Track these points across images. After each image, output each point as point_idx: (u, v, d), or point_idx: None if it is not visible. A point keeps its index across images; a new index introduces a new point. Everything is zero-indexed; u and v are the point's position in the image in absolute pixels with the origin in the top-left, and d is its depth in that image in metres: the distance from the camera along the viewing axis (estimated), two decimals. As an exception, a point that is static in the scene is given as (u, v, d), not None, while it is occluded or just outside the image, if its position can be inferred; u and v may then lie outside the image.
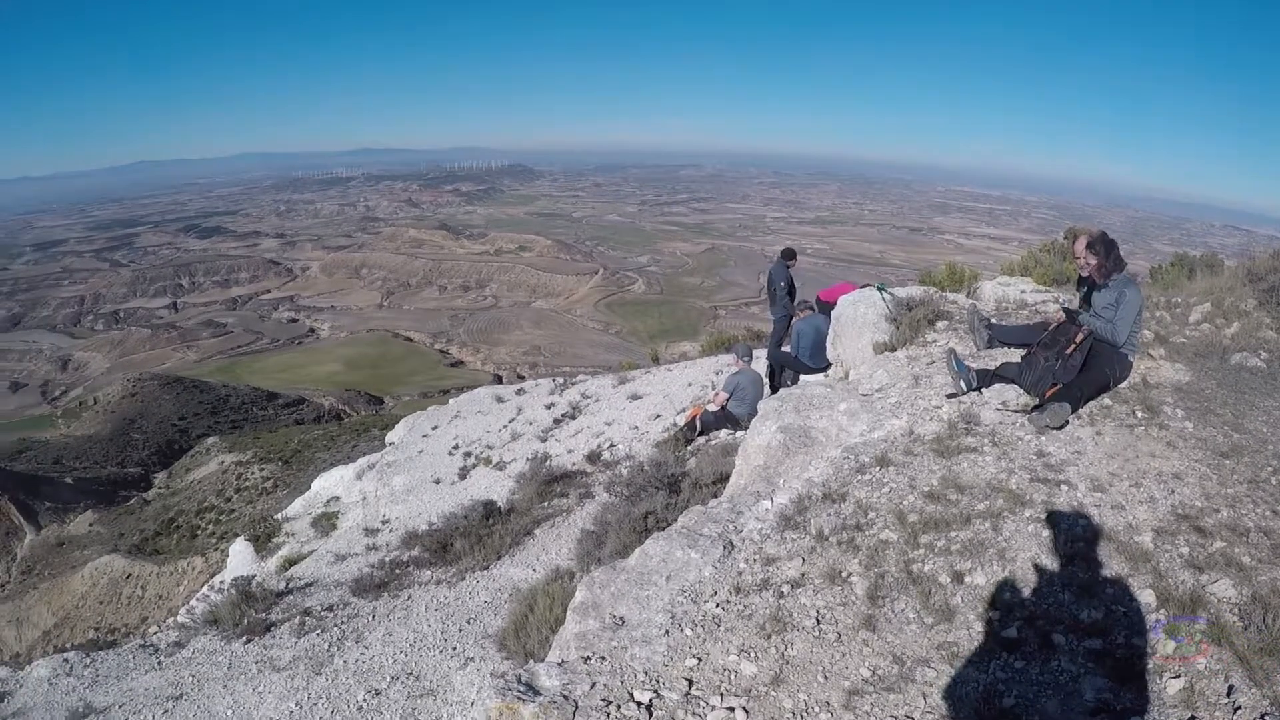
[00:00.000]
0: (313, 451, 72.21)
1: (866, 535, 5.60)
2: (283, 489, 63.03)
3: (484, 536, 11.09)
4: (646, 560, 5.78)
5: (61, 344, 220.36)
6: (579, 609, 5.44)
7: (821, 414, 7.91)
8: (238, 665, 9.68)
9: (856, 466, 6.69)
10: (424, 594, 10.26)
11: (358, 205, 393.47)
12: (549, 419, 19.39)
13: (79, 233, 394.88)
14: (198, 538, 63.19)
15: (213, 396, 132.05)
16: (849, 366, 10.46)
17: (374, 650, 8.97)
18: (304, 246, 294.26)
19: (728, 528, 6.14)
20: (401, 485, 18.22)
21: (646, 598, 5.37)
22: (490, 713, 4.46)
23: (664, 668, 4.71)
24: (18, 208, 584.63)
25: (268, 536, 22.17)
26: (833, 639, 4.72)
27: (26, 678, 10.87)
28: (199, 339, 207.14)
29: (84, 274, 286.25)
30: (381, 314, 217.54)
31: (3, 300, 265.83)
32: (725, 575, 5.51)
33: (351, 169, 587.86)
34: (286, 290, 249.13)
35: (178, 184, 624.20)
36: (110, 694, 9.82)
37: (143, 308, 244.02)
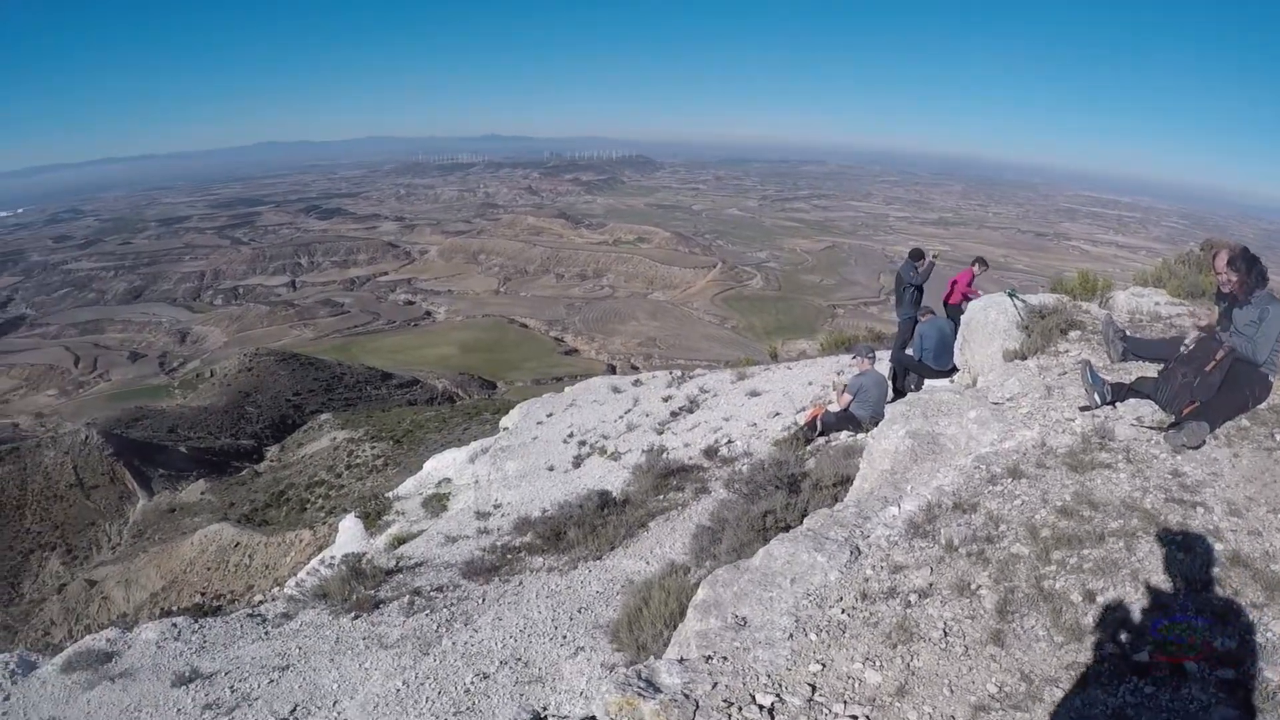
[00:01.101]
0: (424, 432, 73.56)
1: (997, 548, 5.46)
2: (392, 467, 64.35)
3: (598, 526, 11.09)
4: (771, 561, 5.71)
5: (181, 317, 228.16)
6: (700, 607, 5.40)
7: (950, 421, 7.74)
8: (345, 640, 9.85)
9: (988, 477, 6.52)
10: (535, 581, 10.28)
11: (477, 191, 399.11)
12: (666, 412, 19.33)
13: (202, 210, 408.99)
14: (306, 511, 64.97)
15: (327, 374, 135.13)
16: (977, 373, 10.22)
17: (483, 634, 9.01)
18: (423, 230, 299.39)
19: (854, 532, 6.04)
20: (515, 471, 18.35)
21: (770, 599, 5.31)
22: (610, 707, 4.44)
23: (787, 672, 4.64)
24: (143, 184, 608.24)
25: (378, 514, 22.54)
26: (960, 652, 4.61)
27: (135, 639, 11.18)
28: (316, 317, 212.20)
29: (205, 250, 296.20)
30: (498, 300, 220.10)
31: (125, 274, 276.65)
32: (851, 581, 5.42)
33: (472, 154, 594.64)
34: (404, 273, 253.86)
35: (300, 165, 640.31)
36: (217, 660, 10.08)
37: (262, 285, 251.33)
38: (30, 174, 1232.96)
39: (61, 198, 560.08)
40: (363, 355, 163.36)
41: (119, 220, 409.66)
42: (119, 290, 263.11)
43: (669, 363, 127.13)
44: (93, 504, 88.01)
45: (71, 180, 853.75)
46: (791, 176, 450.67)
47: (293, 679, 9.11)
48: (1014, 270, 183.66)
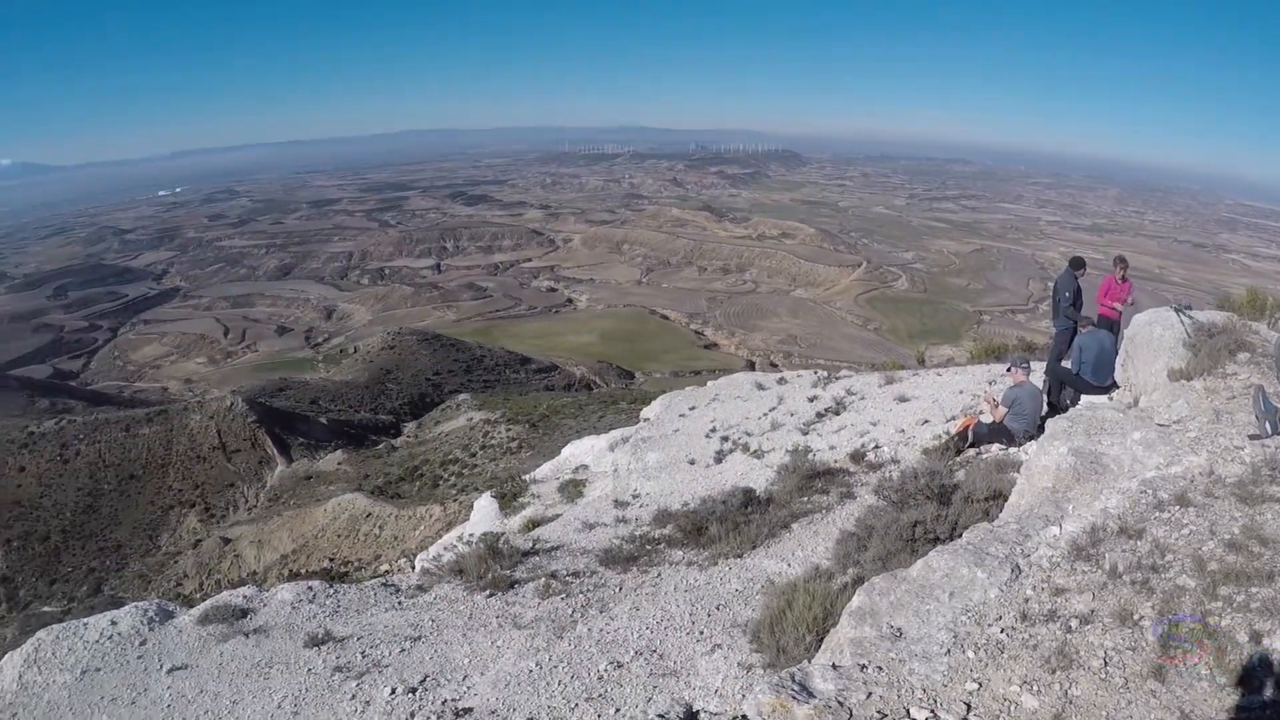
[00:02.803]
0: (560, 418, 74.42)
1: (1162, 578, 5.28)
2: (527, 451, 65.29)
3: (740, 524, 11.05)
4: (929, 573, 5.66)
5: (328, 295, 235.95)
6: (855, 613, 5.38)
7: (1113, 440, 7.52)
8: (479, 617, 10.02)
9: (1154, 503, 6.33)
10: (674, 574, 10.29)
11: (622, 182, 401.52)
12: (811, 412, 19.09)
13: (351, 193, 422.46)
14: (439, 487, 66.36)
15: (468, 356, 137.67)
16: (1139, 392, 9.90)
17: (619, 623, 9.05)
18: (567, 219, 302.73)
19: (1015, 550, 5.93)
20: (655, 462, 18.39)
21: (928, 612, 5.26)
22: (763, 708, 4.47)
23: (942, 688, 4.60)
24: (295, 167, 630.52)
25: (514, 495, 22.89)
26: (1119, 684, 4.48)
27: (271, 599, 11.61)
28: (459, 300, 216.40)
29: (354, 232, 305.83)
30: (640, 290, 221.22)
31: (276, 251, 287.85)
32: (1011, 600, 5.33)
33: (618, 146, 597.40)
34: (547, 260, 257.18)
35: (447, 152, 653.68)
36: (349, 625, 10.40)
37: (407, 267, 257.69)
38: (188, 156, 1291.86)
39: (217, 179, 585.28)
40: (503, 339, 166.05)
41: (271, 201, 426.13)
42: (270, 267, 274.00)
43: (809, 362, 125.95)
44: (233, 467, 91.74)
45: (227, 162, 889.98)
46: (939, 175, 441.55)
47: (424, 650, 9.33)
48: (1170, 283, 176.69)
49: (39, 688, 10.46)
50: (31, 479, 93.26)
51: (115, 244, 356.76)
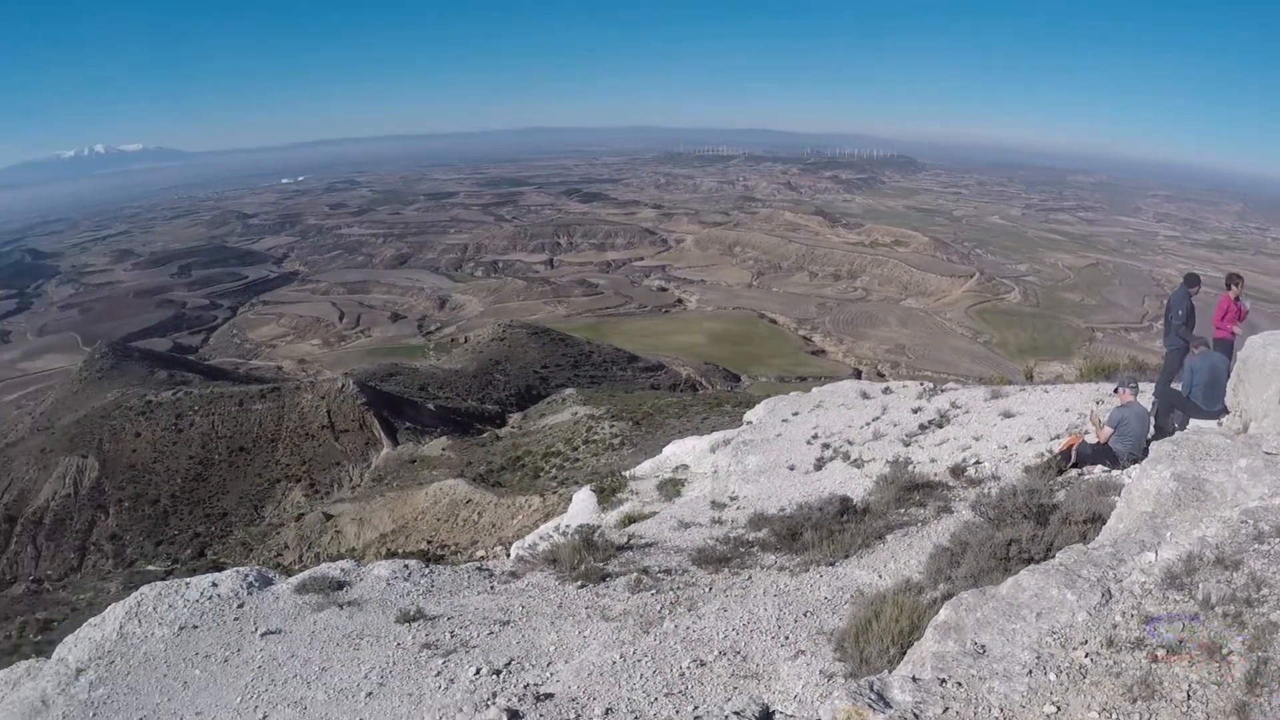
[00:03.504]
0: (664, 417, 74.61)
1: (1255, 613, 5.13)
2: (628, 448, 65.54)
3: (835, 532, 11.02)
4: (1019, 592, 5.62)
5: (442, 285, 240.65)
6: (941, 627, 5.37)
7: (1218, 467, 7.33)
8: (568, 606, 10.20)
9: (1254, 534, 6.16)
10: (765, 577, 10.31)
11: (736, 184, 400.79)
12: (914, 423, 18.90)
13: (469, 187, 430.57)
14: (539, 479, 67.06)
15: (576, 351, 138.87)
16: (1249, 418, 9.62)
17: (706, 622, 9.06)
18: (680, 219, 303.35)
19: (1108, 574, 5.84)
20: (755, 465, 18.41)
21: (1013, 631, 5.23)
22: (838, 714, 4.49)
23: (1020, 709, 4.57)
24: (415, 160, 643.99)
25: (612, 490, 23.13)
26: (1200, 718, 4.40)
27: (367, 574, 12.04)
28: (570, 295, 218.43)
29: (470, 224, 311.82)
30: (749, 293, 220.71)
31: (394, 241, 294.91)
32: (1099, 625, 5.26)
33: (732, 147, 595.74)
34: (659, 259, 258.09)
35: (564, 150, 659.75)
36: (441, 605, 10.70)
37: (521, 261, 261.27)
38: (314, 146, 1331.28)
39: (340, 169, 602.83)
40: (612, 336, 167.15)
41: (391, 192, 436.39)
42: (387, 256, 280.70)
43: (916, 373, 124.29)
44: (340, 446, 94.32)
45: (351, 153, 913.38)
46: (1057, 185, 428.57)
47: (511, 634, 9.54)
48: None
49: (138, 639, 10.97)
50: (147, 445, 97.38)
51: (239, 227, 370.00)
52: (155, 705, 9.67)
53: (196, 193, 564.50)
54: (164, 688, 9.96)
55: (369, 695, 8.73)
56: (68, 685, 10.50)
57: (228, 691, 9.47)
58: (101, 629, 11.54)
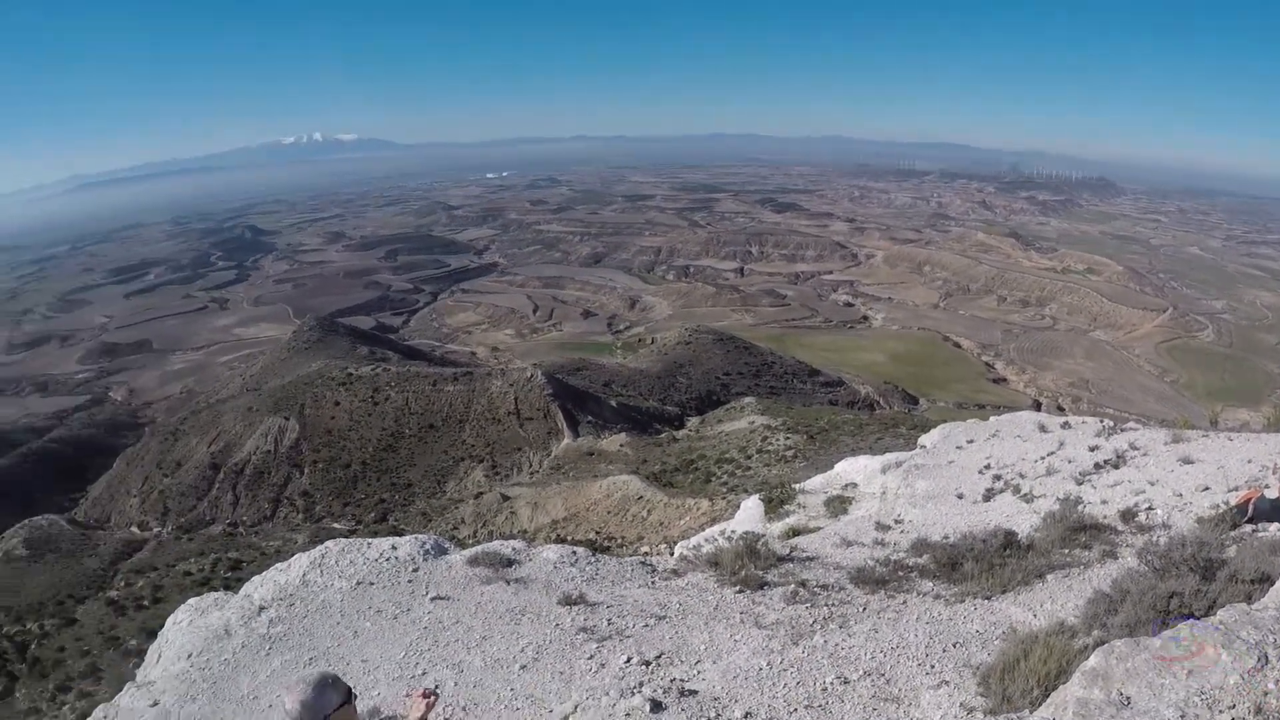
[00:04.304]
0: (839, 433, 74.02)
1: None
2: (800, 461, 65.29)
3: (995, 566, 10.84)
4: (1172, 647, 5.51)
5: (633, 285, 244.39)
6: (1088, 674, 5.34)
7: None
8: (724, 609, 10.37)
9: None
10: (919, 603, 10.23)
11: (930, 200, 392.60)
12: (1089, 462, 18.29)
13: (665, 191, 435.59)
14: (710, 483, 67.59)
15: (759, 360, 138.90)
16: None
17: (855, 641, 9.06)
18: (871, 234, 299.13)
19: (1267, 638, 5.67)
20: (924, 490, 18.22)
21: (1161, 685, 5.16)
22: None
23: (1157, 765, 4.55)
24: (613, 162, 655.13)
25: (780, 502, 23.14)
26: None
27: (536, 555, 12.66)
28: (758, 305, 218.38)
29: (664, 228, 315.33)
30: (935, 314, 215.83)
31: (590, 240, 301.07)
32: (1249, 689, 5.12)
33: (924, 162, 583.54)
34: (848, 274, 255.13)
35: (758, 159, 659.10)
36: (602, 593, 11.14)
37: (711, 267, 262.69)
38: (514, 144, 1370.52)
39: (541, 167, 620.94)
40: (795, 348, 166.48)
41: (590, 192, 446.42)
42: (582, 254, 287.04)
43: (1097, 409, 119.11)
44: (524, 433, 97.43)
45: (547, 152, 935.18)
46: (1262, 215, 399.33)
47: (665, 629, 9.82)
48: None
49: (318, 587, 11.82)
50: (344, 414, 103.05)
51: (444, 218, 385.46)
52: (326, 648, 10.39)
53: (406, 182, 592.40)
54: (335, 634, 10.69)
55: (523, 668, 9.18)
56: (250, 619, 11.39)
57: (393, 646, 10.11)
58: (287, 574, 12.47)
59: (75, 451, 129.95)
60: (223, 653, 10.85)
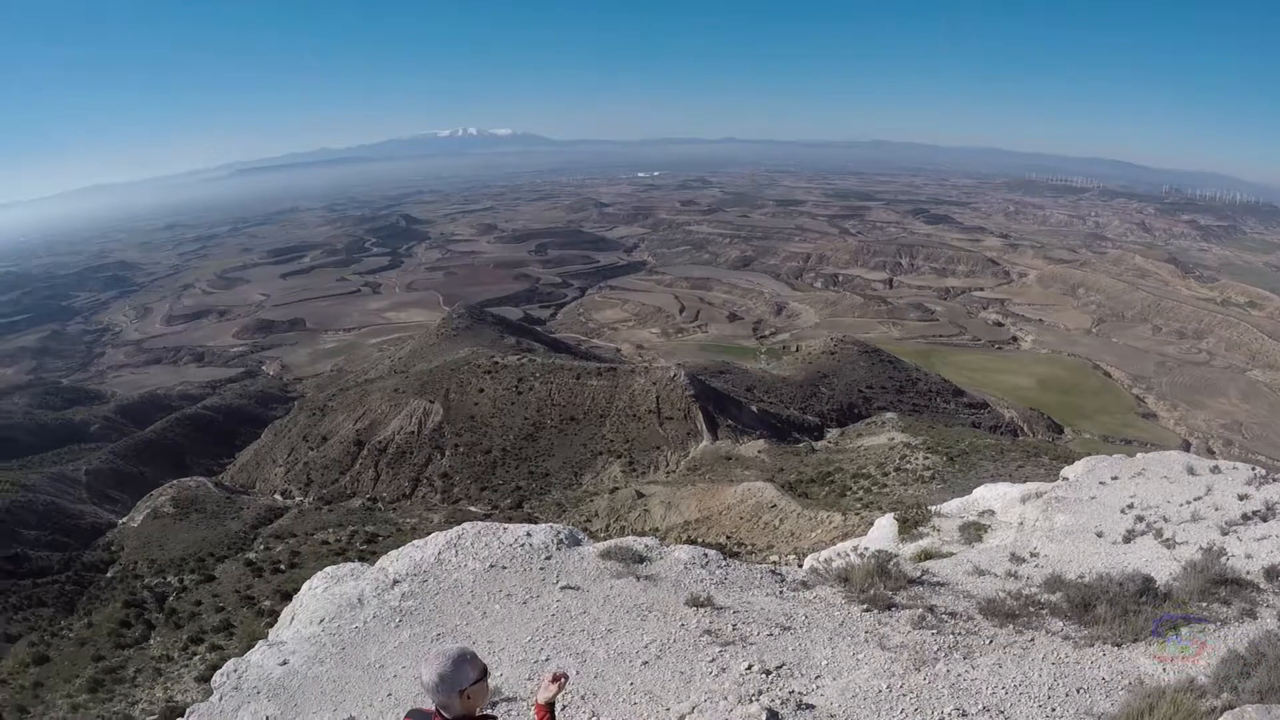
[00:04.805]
0: (979, 458, 72.55)
1: None
2: (938, 483, 64.29)
3: (1130, 612, 10.57)
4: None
5: (781, 291, 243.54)
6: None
7: None
8: (849, 626, 10.42)
9: None
10: (1047, 642, 10.05)
11: (1087, 220, 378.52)
12: (1237, 511, 17.57)
13: (816, 197, 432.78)
14: (845, 497, 67.15)
15: (903, 376, 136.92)
16: None
17: (978, 674, 9.01)
18: (1025, 252, 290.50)
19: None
20: (1062, 525, 17.82)
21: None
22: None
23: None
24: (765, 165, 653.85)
25: (915, 523, 22.94)
26: None
27: (668, 554, 12.90)
28: (905, 318, 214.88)
29: (814, 235, 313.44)
30: (1087, 340, 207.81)
31: (739, 243, 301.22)
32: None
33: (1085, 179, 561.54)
34: (999, 292, 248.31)
35: (913, 167, 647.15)
36: (730, 598, 11.27)
37: (860, 277, 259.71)
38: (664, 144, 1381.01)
39: (692, 168, 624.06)
40: (940, 366, 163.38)
41: (740, 195, 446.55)
42: (730, 257, 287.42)
43: (1249, 455, 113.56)
44: (663, 432, 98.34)
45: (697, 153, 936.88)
46: None
47: (789, 640, 9.92)
48: None
49: (452, 566, 12.39)
50: (488, 401, 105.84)
51: (594, 214, 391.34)
52: (454, 626, 10.86)
53: (558, 178, 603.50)
54: (465, 613, 11.16)
55: (645, 664, 9.44)
56: (383, 591, 11.99)
57: (520, 630, 10.51)
58: (423, 551, 13.07)
59: (226, 420, 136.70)
60: (354, 621, 11.42)
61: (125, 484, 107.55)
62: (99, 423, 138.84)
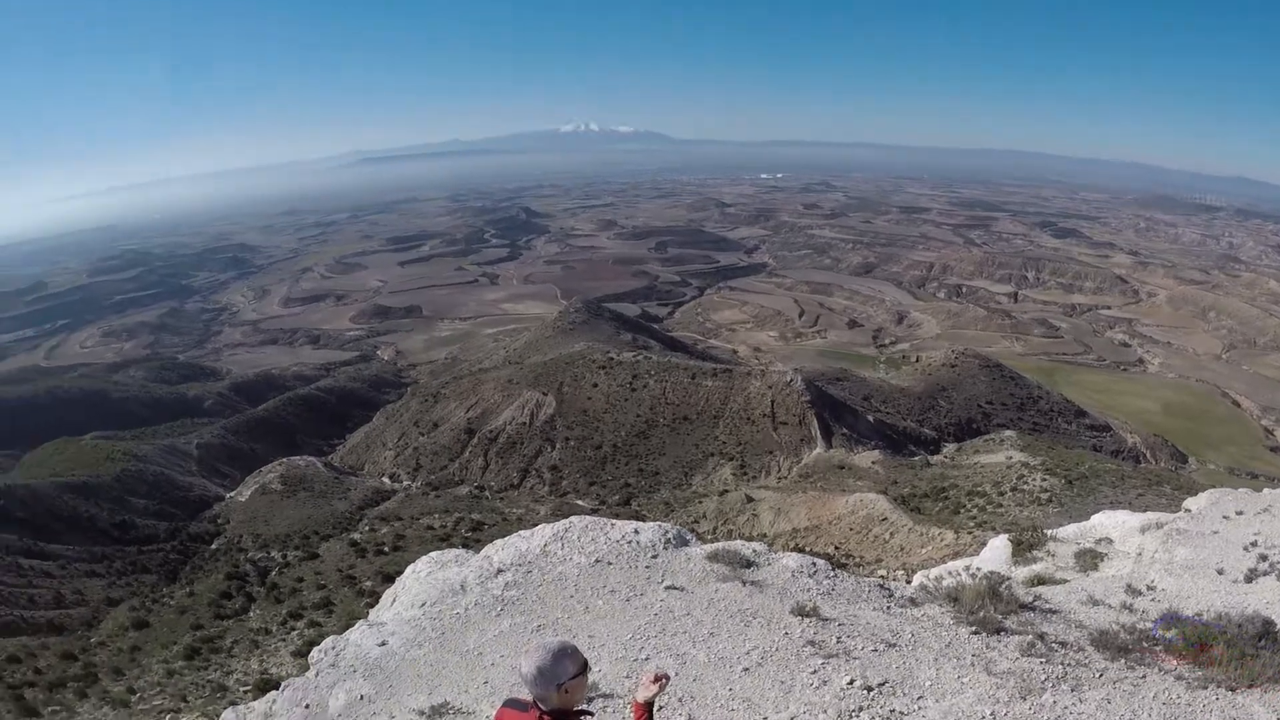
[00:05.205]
0: (1098, 483, 70.65)
1: None
2: (1055, 506, 62.79)
3: (1247, 656, 10.17)
4: None
5: (903, 300, 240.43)
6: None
7: None
8: (955, 648, 10.24)
9: None
10: (1158, 681, 9.71)
11: (1220, 240, 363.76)
12: (1369, 555, 16.95)
13: (941, 205, 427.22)
14: (959, 515, 65.93)
15: (1023, 393, 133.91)
16: None
17: (1085, 708, 8.77)
18: (1154, 270, 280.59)
19: None
20: (1182, 559, 17.29)
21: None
22: None
23: None
24: (890, 170, 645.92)
25: (1029, 546, 22.47)
26: None
27: (776, 561, 12.90)
28: (1029, 334, 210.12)
29: (938, 244, 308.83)
30: (1216, 366, 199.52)
31: (861, 249, 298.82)
32: None
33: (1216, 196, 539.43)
34: (1126, 311, 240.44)
35: (1042, 178, 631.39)
36: (836, 610, 11.19)
37: (984, 289, 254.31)
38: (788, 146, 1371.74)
39: (816, 171, 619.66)
40: (1063, 384, 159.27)
41: (864, 200, 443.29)
42: (853, 262, 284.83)
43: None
44: (777, 436, 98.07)
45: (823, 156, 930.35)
46: None
47: (893, 657, 9.81)
48: None
49: (557, 559, 12.61)
50: (601, 396, 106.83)
51: (715, 214, 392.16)
52: (555, 619, 11.05)
53: (680, 177, 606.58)
54: (567, 606, 11.34)
55: (745, 670, 9.46)
56: (486, 579, 12.25)
57: (622, 627, 10.62)
58: (528, 542, 13.31)
59: (339, 402, 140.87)
60: (455, 606, 11.70)
61: (235, 459, 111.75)
62: (212, 399, 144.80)
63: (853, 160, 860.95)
